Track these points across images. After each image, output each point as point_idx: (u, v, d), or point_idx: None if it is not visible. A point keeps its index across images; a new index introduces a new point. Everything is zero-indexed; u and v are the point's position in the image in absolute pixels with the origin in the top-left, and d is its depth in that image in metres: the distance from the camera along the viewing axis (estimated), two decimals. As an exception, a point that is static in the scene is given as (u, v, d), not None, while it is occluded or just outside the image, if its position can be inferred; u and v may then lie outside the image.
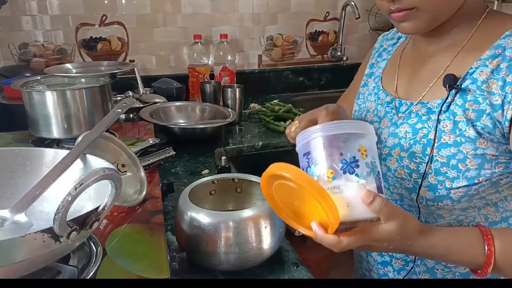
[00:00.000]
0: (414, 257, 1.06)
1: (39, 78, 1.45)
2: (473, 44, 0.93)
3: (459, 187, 0.89)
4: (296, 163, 0.77)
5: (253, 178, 1.09)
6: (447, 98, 0.90)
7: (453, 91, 0.90)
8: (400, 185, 1.00)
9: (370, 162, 0.77)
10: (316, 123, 0.94)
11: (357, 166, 0.76)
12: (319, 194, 0.70)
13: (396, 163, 0.98)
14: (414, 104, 0.99)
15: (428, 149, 0.92)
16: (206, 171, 1.52)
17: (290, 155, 1.87)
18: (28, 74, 1.88)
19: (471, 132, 0.87)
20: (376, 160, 0.79)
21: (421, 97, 0.99)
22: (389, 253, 1.11)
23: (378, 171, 0.78)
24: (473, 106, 0.87)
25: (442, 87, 0.91)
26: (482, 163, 0.87)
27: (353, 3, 2.51)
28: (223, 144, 1.80)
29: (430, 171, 0.91)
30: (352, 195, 0.74)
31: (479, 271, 0.83)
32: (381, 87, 1.13)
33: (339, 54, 2.79)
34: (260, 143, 1.84)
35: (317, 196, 0.70)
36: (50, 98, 1.30)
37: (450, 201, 0.92)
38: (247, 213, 0.91)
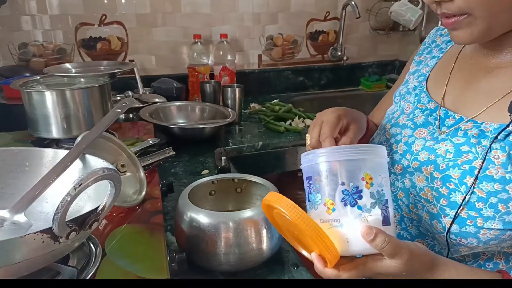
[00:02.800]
0: None
1: (38, 78, 1.45)
2: None
3: (492, 229, 0.78)
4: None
5: (253, 178, 1.08)
6: (508, 125, 0.78)
7: None
8: (423, 207, 0.88)
9: (376, 192, 0.71)
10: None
11: (360, 197, 0.71)
12: (315, 233, 0.67)
13: (425, 182, 0.87)
14: (464, 120, 0.86)
15: (468, 178, 0.80)
16: (206, 171, 1.52)
17: (290, 155, 1.87)
18: (27, 74, 1.89)
19: None
20: (385, 187, 0.73)
21: (475, 115, 0.85)
22: None
23: (386, 199, 0.73)
24: None
25: (504, 109, 0.79)
26: None
27: (353, 3, 2.50)
28: (223, 144, 1.80)
29: (463, 202, 0.80)
30: (352, 231, 0.70)
31: None
32: (424, 88, 0.99)
33: (339, 54, 2.78)
34: (260, 143, 1.84)
35: (312, 235, 0.68)
36: (49, 98, 1.29)
37: (476, 241, 0.81)
38: (247, 213, 0.91)
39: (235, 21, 2.52)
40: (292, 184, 2.39)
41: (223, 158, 1.53)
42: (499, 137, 0.79)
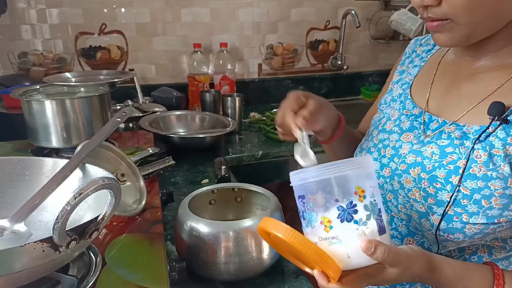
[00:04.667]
0: None
1: (38, 87, 1.45)
2: None
3: (476, 224, 0.82)
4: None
5: (253, 187, 1.08)
6: (488, 127, 0.82)
7: (497, 123, 0.81)
8: (411, 207, 0.92)
9: (370, 203, 0.72)
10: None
11: (355, 212, 0.71)
12: (316, 255, 0.68)
13: (413, 183, 0.90)
14: (448, 124, 0.90)
15: (453, 177, 0.83)
16: (206, 180, 1.52)
17: (290, 165, 1.87)
18: (27, 83, 1.89)
19: (506, 169, 0.79)
20: (377, 197, 0.73)
21: (457, 118, 0.89)
22: None
23: (379, 208, 0.73)
24: None
25: (484, 112, 0.82)
26: (507, 204, 0.79)
27: (353, 12, 2.52)
28: (223, 154, 1.80)
29: (449, 200, 0.83)
30: (352, 245, 0.71)
31: None
32: (409, 96, 1.03)
33: (339, 63, 2.79)
34: (260, 152, 1.84)
35: (314, 257, 0.68)
36: (49, 107, 1.29)
37: (462, 236, 0.84)
38: (247, 223, 0.91)
39: (235, 30, 2.53)
40: (292, 194, 2.39)
41: (223, 167, 1.53)
42: (480, 138, 0.83)
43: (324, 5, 2.67)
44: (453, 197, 0.83)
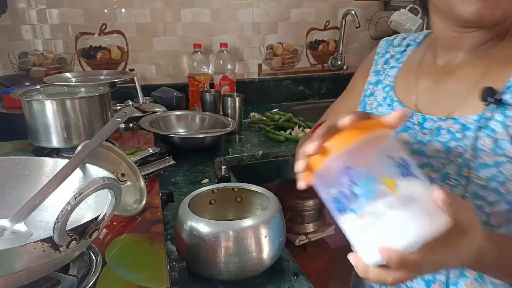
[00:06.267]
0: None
1: (38, 87, 1.45)
2: (508, 55, 0.85)
3: (500, 212, 0.79)
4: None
5: (253, 187, 1.08)
6: (486, 112, 0.82)
7: (493, 106, 0.81)
8: None
9: (411, 159, 0.61)
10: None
11: (409, 165, 0.60)
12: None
13: None
14: (443, 119, 0.89)
15: (465, 170, 0.82)
16: (206, 180, 1.52)
17: (290, 165, 1.87)
18: (27, 83, 1.89)
19: None
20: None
21: (450, 112, 0.89)
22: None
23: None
24: None
25: (476, 101, 0.83)
26: None
27: (353, 12, 2.52)
28: (223, 154, 1.80)
29: (468, 194, 0.81)
30: (427, 201, 0.57)
31: None
32: (395, 98, 1.02)
33: (339, 63, 2.79)
34: (260, 152, 1.84)
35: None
36: (49, 107, 1.29)
37: (490, 228, 0.81)
38: (247, 222, 0.91)
39: (235, 30, 2.53)
40: (292, 194, 2.40)
41: (223, 167, 1.53)
42: (481, 126, 0.82)
43: (324, 5, 2.67)
44: (470, 190, 0.81)
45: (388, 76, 1.08)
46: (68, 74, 1.64)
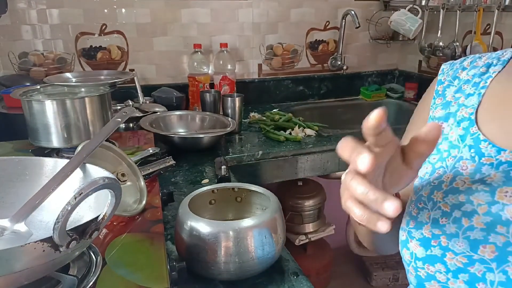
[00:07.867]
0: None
1: (38, 87, 1.45)
2: None
3: None
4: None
5: (253, 187, 1.08)
6: None
7: None
8: None
9: None
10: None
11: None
12: None
13: None
14: None
15: None
16: (206, 180, 1.52)
17: (290, 165, 1.88)
18: (27, 83, 1.89)
19: None
20: None
21: None
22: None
23: None
24: None
25: None
26: None
27: (353, 12, 2.52)
28: (223, 154, 1.80)
29: None
30: None
31: None
32: (480, 136, 0.74)
33: (339, 63, 2.79)
34: (260, 152, 1.84)
35: None
36: (49, 107, 1.29)
37: None
38: (247, 222, 0.91)
39: (235, 30, 2.53)
40: (292, 194, 2.40)
41: (223, 167, 1.53)
42: None
43: (324, 5, 2.67)
44: None
45: (465, 106, 0.80)
46: (68, 74, 1.64)
